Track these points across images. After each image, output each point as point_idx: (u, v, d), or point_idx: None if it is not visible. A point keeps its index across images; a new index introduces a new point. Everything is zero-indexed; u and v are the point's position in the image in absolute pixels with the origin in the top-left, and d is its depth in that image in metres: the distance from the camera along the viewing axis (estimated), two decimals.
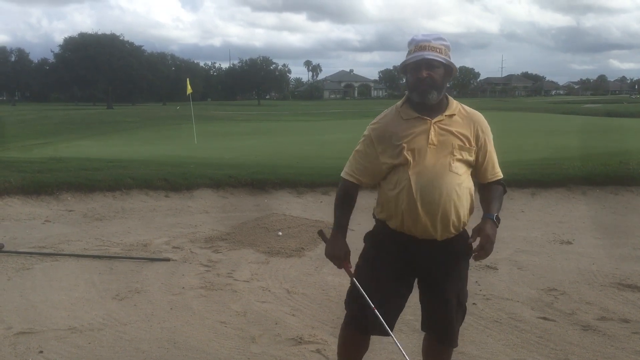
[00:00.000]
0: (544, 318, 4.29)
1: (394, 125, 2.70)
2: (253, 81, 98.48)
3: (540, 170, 9.76)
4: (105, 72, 73.87)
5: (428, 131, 2.62)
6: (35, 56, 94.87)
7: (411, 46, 2.66)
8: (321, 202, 8.37)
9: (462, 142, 2.64)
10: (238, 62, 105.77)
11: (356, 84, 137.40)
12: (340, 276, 5.26)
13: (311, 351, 3.76)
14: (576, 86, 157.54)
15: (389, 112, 2.78)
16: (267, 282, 5.09)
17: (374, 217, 2.86)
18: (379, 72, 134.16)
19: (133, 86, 79.71)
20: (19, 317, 4.23)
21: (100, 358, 3.65)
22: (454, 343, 2.90)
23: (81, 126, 30.34)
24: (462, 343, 3.82)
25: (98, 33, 78.68)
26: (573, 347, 3.82)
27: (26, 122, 31.80)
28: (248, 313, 4.39)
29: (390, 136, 2.67)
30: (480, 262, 5.56)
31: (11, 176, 8.61)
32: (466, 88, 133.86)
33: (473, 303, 4.57)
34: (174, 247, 6.16)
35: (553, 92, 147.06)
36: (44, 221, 7.29)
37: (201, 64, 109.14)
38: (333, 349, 3.78)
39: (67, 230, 6.87)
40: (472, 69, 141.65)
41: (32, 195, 8.19)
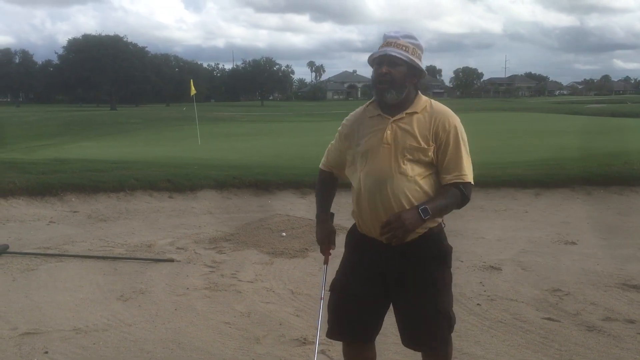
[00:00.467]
0: (549, 319, 4.28)
1: (359, 123, 2.66)
2: (256, 82, 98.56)
3: (544, 170, 9.75)
4: (109, 74, 74.04)
5: (385, 130, 2.53)
6: (39, 58, 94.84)
7: (381, 41, 2.60)
8: None
9: (417, 142, 2.49)
10: (241, 63, 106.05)
11: (359, 85, 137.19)
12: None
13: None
14: (580, 86, 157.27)
15: (359, 110, 2.73)
16: (271, 283, 5.09)
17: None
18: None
19: (137, 87, 79.85)
20: (24, 318, 4.25)
21: (104, 358, 3.66)
22: (441, 354, 2.69)
23: (85, 127, 30.40)
24: (467, 343, 3.82)
25: (102, 35, 78.97)
26: (578, 348, 3.80)
27: (30, 124, 31.87)
28: (252, 314, 4.40)
29: (353, 134, 2.66)
30: (483, 263, 5.58)
31: (16, 177, 8.64)
32: (469, 88, 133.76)
33: (477, 304, 4.57)
34: (178, 248, 6.17)
35: (557, 93, 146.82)
36: (49, 222, 7.31)
37: (204, 65, 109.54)
38: (337, 350, 3.77)
39: (72, 231, 6.88)
40: (476, 69, 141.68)
41: (37, 196, 8.22)
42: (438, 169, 2.54)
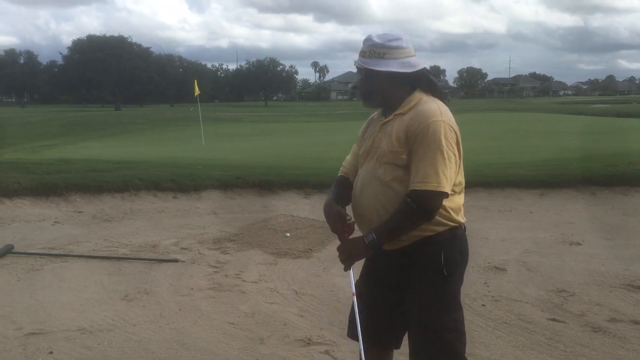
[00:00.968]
0: (554, 319, 4.26)
1: (367, 125, 2.64)
2: (260, 82, 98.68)
3: (548, 170, 9.73)
4: (113, 74, 74.20)
5: (376, 133, 2.49)
6: (43, 58, 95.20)
7: None
8: None
9: (392, 145, 2.36)
10: (245, 64, 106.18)
11: None
12: (348, 277, 5.25)
13: (320, 352, 3.76)
14: (584, 86, 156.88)
15: (375, 113, 2.69)
16: (275, 283, 5.09)
17: None
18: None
19: (141, 88, 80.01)
20: (29, 318, 4.26)
21: (109, 359, 3.67)
22: None
23: (89, 128, 30.50)
24: (471, 344, 3.81)
25: (106, 35, 79.17)
26: (583, 349, 3.79)
27: (35, 124, 31.99)
28: (256, 314, 4.40)
29: (362, 137, 2.64)
30: (488, 263, 5.57)
31: (21, 177, 8.66)
32: (474, 89, 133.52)
33: (482, 304, 4.56)
34: (182, 248, 6.18)
35: (561, 93, 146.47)
36: (53, 222, 7.33)
37: (208, 66, 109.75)
38: (342, 350, 3.78)
39: (76, 231, 6.90)
40: (480, 70, 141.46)
41: (42, 196, 8.23)
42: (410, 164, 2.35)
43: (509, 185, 9.00)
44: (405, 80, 2.41)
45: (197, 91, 21.76)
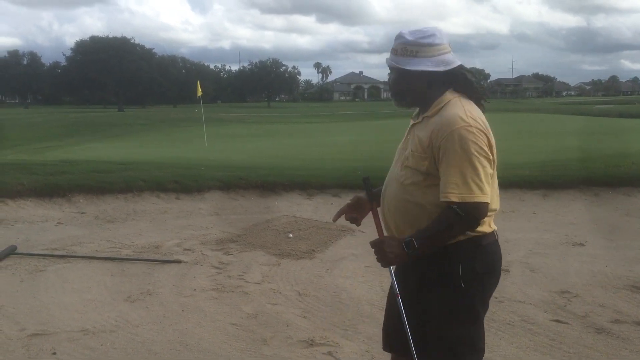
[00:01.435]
0: (557, 321, 4.25)
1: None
2: (263, 83, 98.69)
3: (551, 171, 9.71)
4: (116, 75, 74.44)
5: (407, 134, 2.43)
6: (46, 59, 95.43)
7: None
8: (331, 204, 8.35)
9: (415, 149, 2.27)
10: (248, 65, 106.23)
11: (366, 86, 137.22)
12: (351, 278, 5.26)
13: (323, 353, 3.76)
14: (587, 87, 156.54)
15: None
16: (278, 284, 5.09)
17: None
18: (389, 74, 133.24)
19: (144, 89, 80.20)
20: (32, 319, 4.27)
21: (112, 359, 3.68)
22: None
23: (92, 129, 30.54)
24: None
25: (109, 36, 79.39)
26: (587, 350, 3.78)
27: (38, 125, 32.07)
28: (259, 315, 4.40)
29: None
30: None
31: (24, 178, 8.68)
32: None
33: None
34: (185, 249, 6.18)
35: (564, 93, 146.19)
36: (57, 223, 7.34)
37: (211, 67, 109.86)
38: (345, 352, 3.78)
39: (80, 232, 6.91)
40: (482, 70, 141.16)
41: (45, 197, 8.25)
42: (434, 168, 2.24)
43: (512, 186, 8.97)
44: (439, 79, 2.29)
45: (200, 92, 21.78)
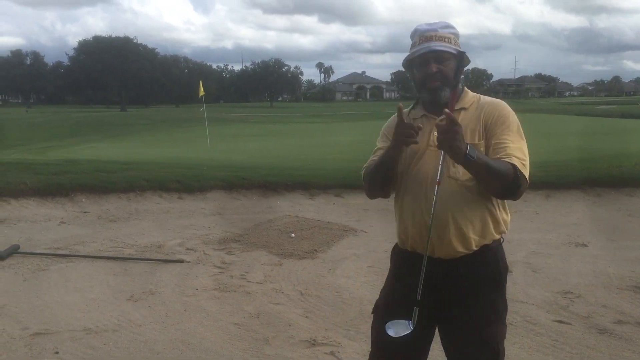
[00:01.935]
0: (560, 321, 4.25)
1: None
2: (265, 83, 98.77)
3: (554, 172, 9.69)
4: (118, 75, 74.55)
5: (431, 132, 2.23)
6: (49, 59, 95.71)
7: (415, 37, 2.28)
8: (334, 204, 8.37)
9: (472, 139, 2.20)
10: (250, 65, 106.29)
11: (368, 86, 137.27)
12: (353, 278, 5.26)
13: (325, 353, 3.76)
14: (590, 87, 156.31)
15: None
16: (280, 284, 5.09)
17: None
18: (391, 74, 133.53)
19: (146, 89, 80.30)
20: (35, 318, 4.27)
21: (115, 359, 3.68)
22: None
23: (95, 128, 30.58)
24: None
25: (112, 36, 79.52)
26: (589, 351, 3.78)
27: (41, 125, 32.12)
28: (261, 315, 4.40)
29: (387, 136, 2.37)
30: None
31: (27, 178, 8.70)
32: (479, 89, 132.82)
33: None
34: (188, 249, 6.19)
35: (567, 94, 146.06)
36: (59, 222, 7.36)
37: (214, 66, 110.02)
38: (347, 352, 3.78)
39: (82, 231, 6.92)
40: (485, 71, 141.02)
41: (48, 196, 8.27)
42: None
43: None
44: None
45: (202, 92, 21.78)
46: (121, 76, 75.13)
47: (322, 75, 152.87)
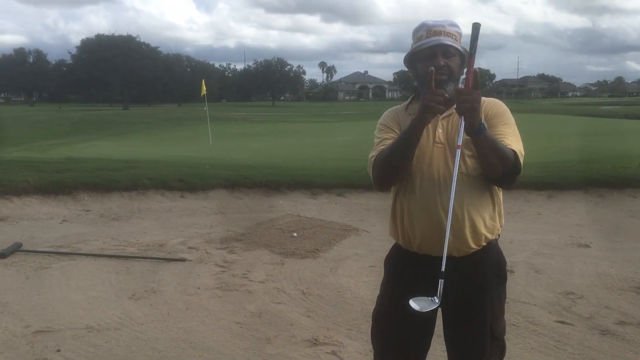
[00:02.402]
0: (562, 322, 4.24)
1: (401, 120, 2.36)
2: (268, 82, 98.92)
3: (557, 172, 9.67)
4: (121, 74, 74.62)
5: (435, 128, 2.25)
6: (52, 57, 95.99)
7: (421, 32, 2.27)
8: (336, 204, 8.36)
9: None
10: (253, 64, 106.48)
11: (370, 86, 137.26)
12: (355, 277, 5.26)
13: (326, 353, 3.76)
14: (593, 88, 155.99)
15: (398, 108, 2.46)
16: (282, 283, 5.09)
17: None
18: (394, 74, 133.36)
19: (149, 87, 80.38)
20: (37, 316, 4.28)
21: (116, 357, 3.68)
22: None
23: (98, 127, 30.62)
24: None
25: (114, 35, 79.56)
26: (591, 352, 3.77)
27: (43, 123, 32.17)
28: (263, 314, 4.40)
29: (395, 128, 2.35)
30: None
31: (29, 176, 8.72)
32: (482, 90, 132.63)
33: None
34: (190, 248, 6.19)
35: (570, 94, 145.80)
36: (62, 221, 7.37)
37: (216, 65, 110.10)
38: (349, 351, 3.78)
39: (84, 229, 6.93)
40: (488, 71, 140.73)
41: (50, 195, 8.28)
42: None
43: (517, 186, 8.94)
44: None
45: (204, 91, 21.79)
46: (124, 75, 75.20)
47: (325, 74, 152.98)
